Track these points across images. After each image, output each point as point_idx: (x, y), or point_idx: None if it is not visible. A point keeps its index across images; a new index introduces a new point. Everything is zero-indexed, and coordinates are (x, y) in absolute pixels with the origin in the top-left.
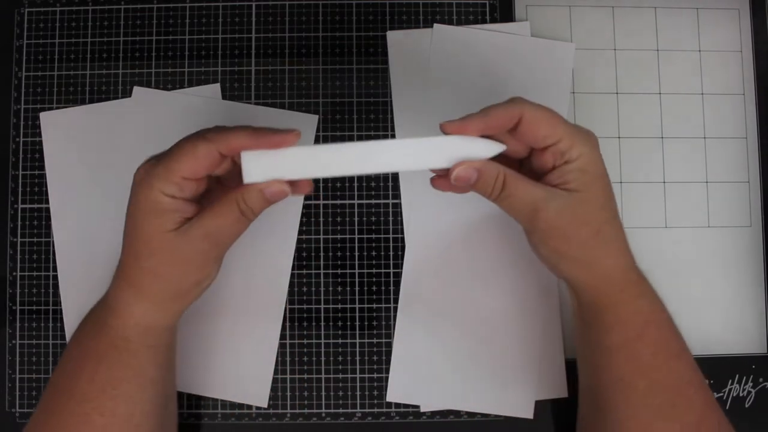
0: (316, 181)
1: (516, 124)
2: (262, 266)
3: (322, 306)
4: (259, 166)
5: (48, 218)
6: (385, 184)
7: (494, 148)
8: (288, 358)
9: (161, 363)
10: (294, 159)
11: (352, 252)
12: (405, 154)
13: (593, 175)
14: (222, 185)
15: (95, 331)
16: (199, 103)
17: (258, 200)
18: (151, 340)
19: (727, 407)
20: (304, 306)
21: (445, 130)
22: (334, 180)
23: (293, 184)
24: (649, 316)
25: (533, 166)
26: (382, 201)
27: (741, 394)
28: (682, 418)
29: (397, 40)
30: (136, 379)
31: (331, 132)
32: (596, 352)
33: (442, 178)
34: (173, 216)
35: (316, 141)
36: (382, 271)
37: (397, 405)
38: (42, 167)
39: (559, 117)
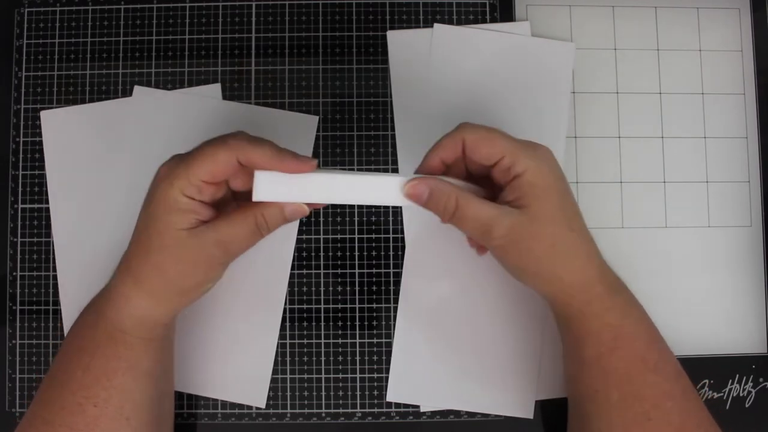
0: None
1: (464, 148)
2: (262, 266)
3: (322, 306)
4: (270, 186)
5: (48, 218)
6: None
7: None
8: (288, 358)
9: (157, 357)
10: (302, 185)
11: (352, 252)
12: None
13: (542, 188)
14: (238, 200)
15: (93, 321)
16: (199, 103)
17: (277, 217)
18: (147, 333)
19: (727, 407)
20: (304, 306)
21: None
22: None
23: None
24: (620, 329)
25: (495, 183)
26: None
27: (741, 394)
28: (658, 430)
29: (397, 40)
30: (130, 371)
31: (331, 132)
32: (573, 364)
33: None
34: (189, 216)
35: (317, 141)
36: (382, 271)
37: (397, 405)
38: (42, 167)
39: (500, 134)
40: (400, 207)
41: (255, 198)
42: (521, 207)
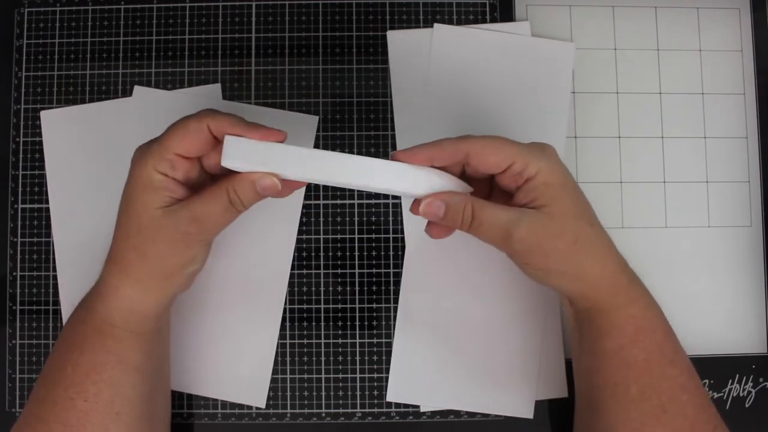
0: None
1: (467, 158)
2: (262, 265)
3: (322, 306)
4: (239, 151)
5: (48, 218)
6: None
7: (465, 189)
8: (288, 358)
9: (147, 352)
10: (273, 154)
11: (352, 252)
12: (384, 178)
13: (557, 186)
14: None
15: (83, 317)
16: (199, 103)
17: (249, 191)
18: (136, 326)
19: (727, 407)
20: (304, 306)
21: (396, 159)
22: None
23: (283, 183)
24: (642, 321)
25: (502, 188)
26: (382, 201)
27: (741, 394)
28: (673, 423)
29: (397, 40)
30: (119, 365)
31: (331, 132)
32: (591, 357)
33: (418, 204)
34: (163, 194)
35: (317, 141)
36: (382, 271)
37: (397, 405)
38: (42, 167)
39: (505, 141)
40: (401, 207)
41: (223, 162)
42: (538, 207)
